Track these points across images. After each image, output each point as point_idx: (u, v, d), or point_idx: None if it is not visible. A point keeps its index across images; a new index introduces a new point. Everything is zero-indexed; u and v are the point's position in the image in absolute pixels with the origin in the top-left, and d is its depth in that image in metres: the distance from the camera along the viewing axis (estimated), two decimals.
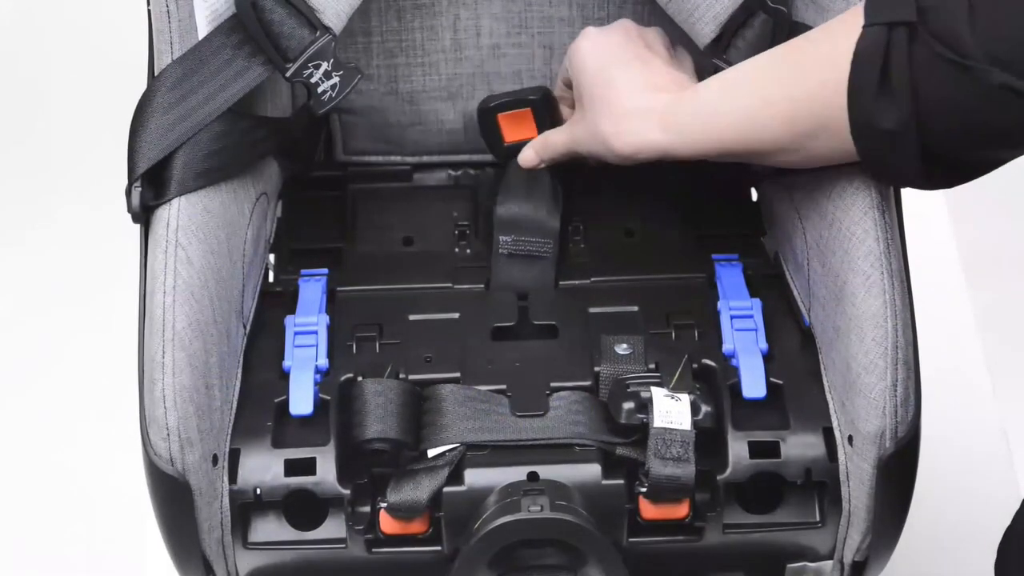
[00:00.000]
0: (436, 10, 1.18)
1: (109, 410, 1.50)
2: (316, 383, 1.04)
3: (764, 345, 1.06)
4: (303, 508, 1.01)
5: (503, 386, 1.04)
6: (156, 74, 1.03)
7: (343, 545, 1.02)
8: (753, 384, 1.03)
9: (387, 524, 1.00)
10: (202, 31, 1.04)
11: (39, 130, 1.85)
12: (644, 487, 0.99)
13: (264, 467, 1.01)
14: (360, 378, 1.04)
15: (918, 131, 0.92)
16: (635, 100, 1.05)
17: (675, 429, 0.99)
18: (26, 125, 1.86)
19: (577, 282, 1.13)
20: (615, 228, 1.18)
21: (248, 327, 1.08)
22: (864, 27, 0.92)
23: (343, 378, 1.04)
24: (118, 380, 1.34)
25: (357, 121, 1.23)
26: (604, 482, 0.99)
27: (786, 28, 1.07)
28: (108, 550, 1.43)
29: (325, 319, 1.08)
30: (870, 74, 0.92)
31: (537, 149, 1.13)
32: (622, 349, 1.05)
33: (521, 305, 1.12)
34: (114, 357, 1.39)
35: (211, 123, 1.03)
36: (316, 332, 1.07)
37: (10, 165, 1.81)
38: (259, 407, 1.03)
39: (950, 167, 0.95)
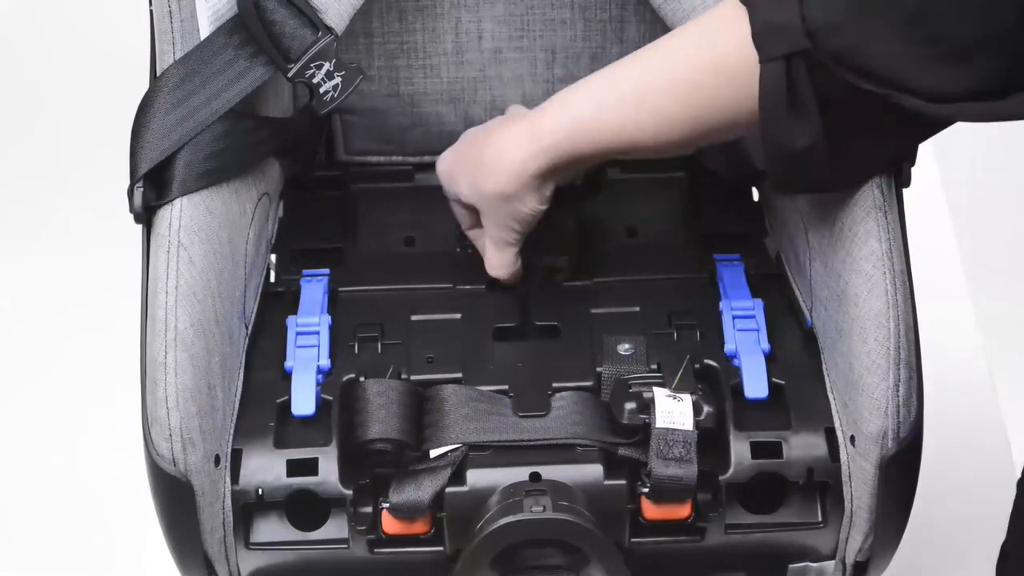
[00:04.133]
0: (438, 12, 1.18)
1: (109, 410, 1.50)
2: (318, 383, 1.04)
3: (766, 345, 1.06)
4: (305, 508, 1.01)
5: (505, 386, 1.04)
6: (158, 74, 1.03)
7: (345, 545, 1.01)
8: (755, 384, 1.03)
9: (389, 524, 1.00)
10: (204, 31, 1.04)
11: (40, 131, 1.85)
12: (646, 487, 0.99)
13: (266, 467, 1.01)
14: (362, 378, 1.04)
15: (829, 142, 0.93)
16: (496, 147, 1.03)
17: (677, 429, 0.99)
18: (27, 126, 1.86)
19: (579, 282, 1.13)
20: (617, 228, 1.18)
21: (250, 327, 1.08)
22: (761, 63, 0.92)
23: (345, 378, 1.04)
24: (118, 381, 1.34)
25: (358, 121, 1.23)
26: (606, 482, 0.99)
27: None
28: (107, 550, 1.43)
29: (327, 319, 1.08)
30: (779, 108, 0.92)
31: (501, 272, 1.11)
32: (624, 349, 1.05)
33: (523, 305, 1.12)
34: (115, 358, 1.39)
35: (213, 123, 1.03)
36: (318, 332, 1.07)
37: (11, 166, 1.81)
38: (261, 407, 1.03)
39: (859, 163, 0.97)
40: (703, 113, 0.96)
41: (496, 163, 1.03)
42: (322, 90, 1.07)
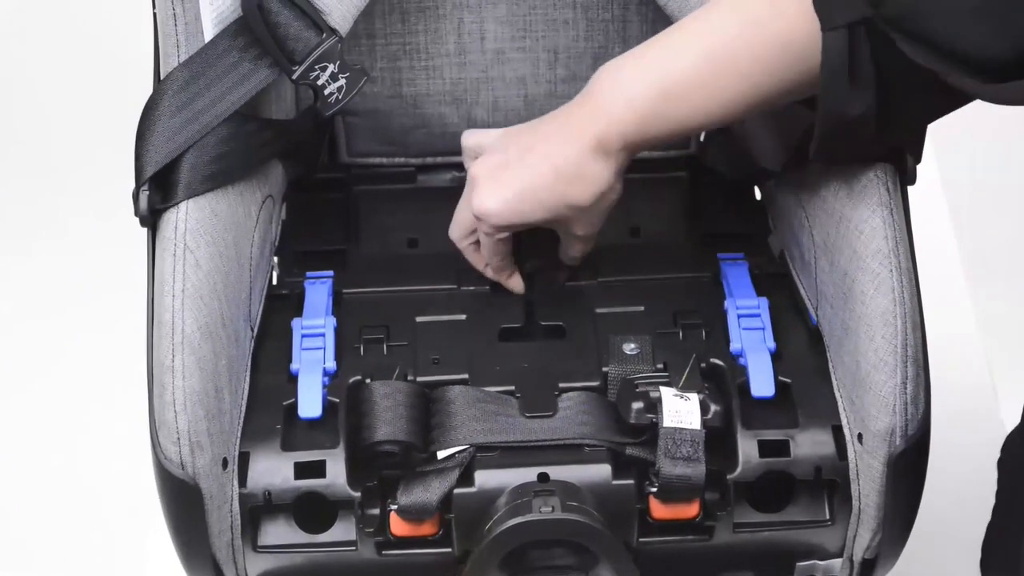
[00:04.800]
0: (440, 13, 1.18)
1: (109, 410, 1.50)
2: (324, 385, 1.04)
3: (772, 344, 1.06)
4: (313, 511, 1.01)
5: (511, 387, 1.04)
6: (162, 78, 1.03)
7: (353, 548, 1.01)
8: (762, 383, 1.03)
9: (397, 526, 1.00)
10: (208, 34, 1.03)
11: (45, 134, 1.85)
12: (654, 487, 0.99)
13: (274, 470, 1.00)
14: (368, 380, 1.04)
15: (879, 110, 0.93)
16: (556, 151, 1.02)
17: (685, 428, 0.99)
18: (31, 129, 1.85)
19: (583, 282, 1.13)
20: (620, 228, 1.18)
21: (255, 330, 1.08)
22: (824, 31, 0.92)
23: (351, 380, 1.04)
24: (119, 381, 1.34)
25: (361, 123, 1.22)
26: (614, 482, 0.99)
27: None
28: (107, 550, 1.43)
29: (332, 321, 1.08)
30: (840, 77, 0.93)
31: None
32: (630, 349, 1.05)
33: (527, 306, 1.12)
34: (115, 358, 1.39)
35: (217, 126, 1.03)
36: (323, 335, 1.07)
37: (16, 169, 1.81)
38: (268, 410, 1.03)
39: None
40: (764, 89, 0.96)
41: (578, 177, 1.01)
42: (327, 92, 1.07)
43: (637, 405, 1.00)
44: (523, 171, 1.03)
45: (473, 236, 1.10)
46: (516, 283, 1.12)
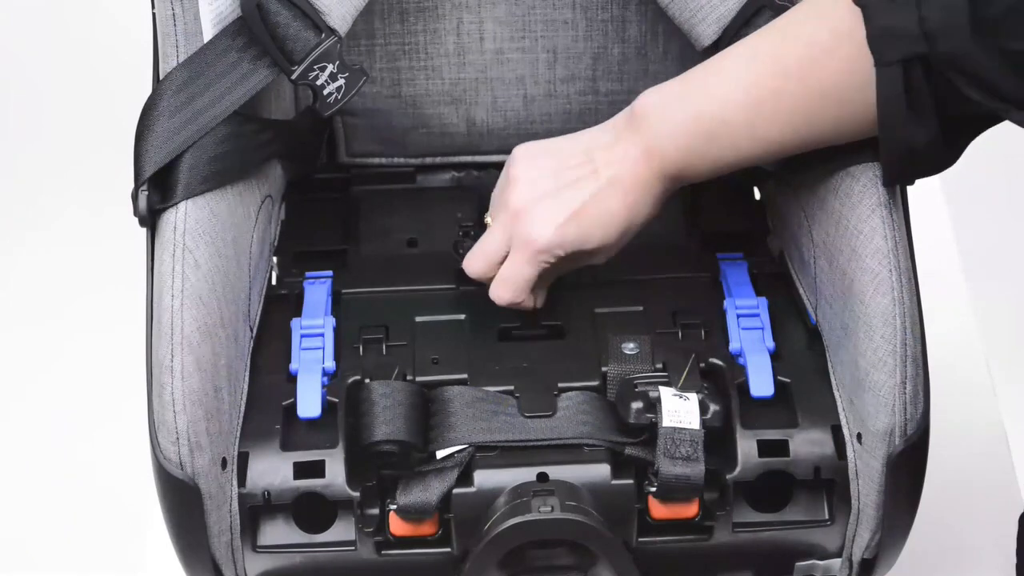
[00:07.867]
0: (439, 13, 1.18)
1: (110, 412, 1.49)
2: (323, 385, 1.04)
3: (771, 344, 1.06)
4: (312, 511, 1.01)
5: (511, 387, 1.04)
6: (161, 78, 1.03)
7: (352, 547, 1.01)
8: (761, 383, 1.03)
9: (397, 526, 1.00)
10: (207, 34, 1.03)
11: (43, 134, 1.84)
12: (653, 487, 0.99)
13: (273, 470, 1.00)
14: (367, 380, 1.04)
15: (945, 140, 0.94)
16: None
17: (684, 428, 0.99)
18: (30, 129, 1.85)
19: (583, 282, 1.13)
20: None
21: (255, 330, 1.08)
22: (877, 67, 0.93)
23: (350, 380, 1.04)
24: (119, 383, 1.33)
25: (360, 123, 1.23)
26: (613, 482, 0.99)
27: None
28: (107, 550, 1.43)
29: (331, 321, 1.08)
30: (897, 111, 0.93)
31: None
32: (629, 349, 1.05)
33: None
34: (115, 360, 1.39)
35: (217, 126, 1.03)
36: (323, 335, 1.07)
37: (14, 169, 1.81)
38: (267, 410, 1.03)
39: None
40: (808, 134, 0.99)
41: (644, 203, 1.04)
42: (326, 92, 1.07)
43: (636, 405, 1.00)
44: (590, 198, 1.03)
45: (498, 267, 1.08)
46: (529, 303, 1.10)
